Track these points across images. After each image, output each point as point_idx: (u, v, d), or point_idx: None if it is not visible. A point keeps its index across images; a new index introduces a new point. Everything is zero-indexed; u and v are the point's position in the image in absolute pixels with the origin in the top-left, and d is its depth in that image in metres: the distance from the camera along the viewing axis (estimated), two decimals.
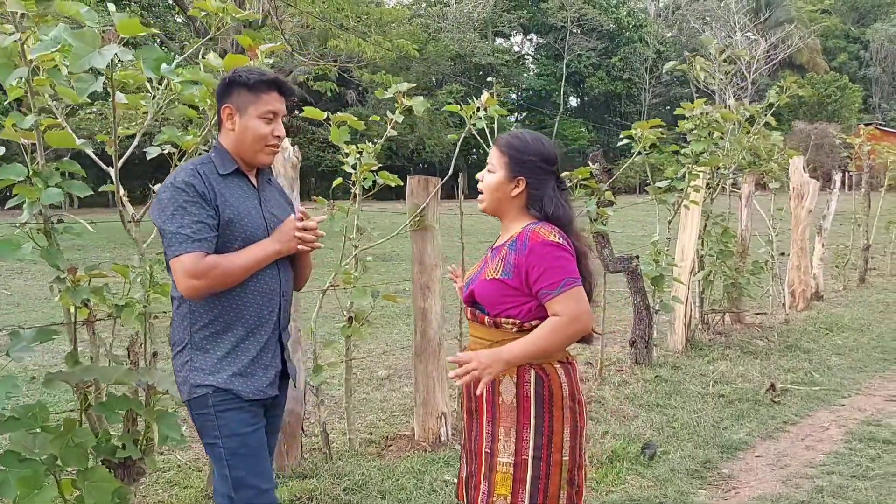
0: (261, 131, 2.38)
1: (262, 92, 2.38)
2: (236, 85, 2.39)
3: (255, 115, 2.37)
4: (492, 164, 2.32)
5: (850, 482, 3.82)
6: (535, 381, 2.19)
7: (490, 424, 2.25)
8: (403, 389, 5.47)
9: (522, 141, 2.31)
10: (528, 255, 2.16)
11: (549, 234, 2.17)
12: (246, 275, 2.31)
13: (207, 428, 2.37)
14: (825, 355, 6.43)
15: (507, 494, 2.19)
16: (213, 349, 2.36)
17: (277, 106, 2.41)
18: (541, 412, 2.19)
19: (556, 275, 2.13)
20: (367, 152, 4.08)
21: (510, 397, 2.21)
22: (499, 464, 2.21)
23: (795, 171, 8.19)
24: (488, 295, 2.22)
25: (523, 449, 2.18)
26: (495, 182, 2.30)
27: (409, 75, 33.51)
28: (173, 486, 3.72)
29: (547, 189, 2.27)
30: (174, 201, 2.25)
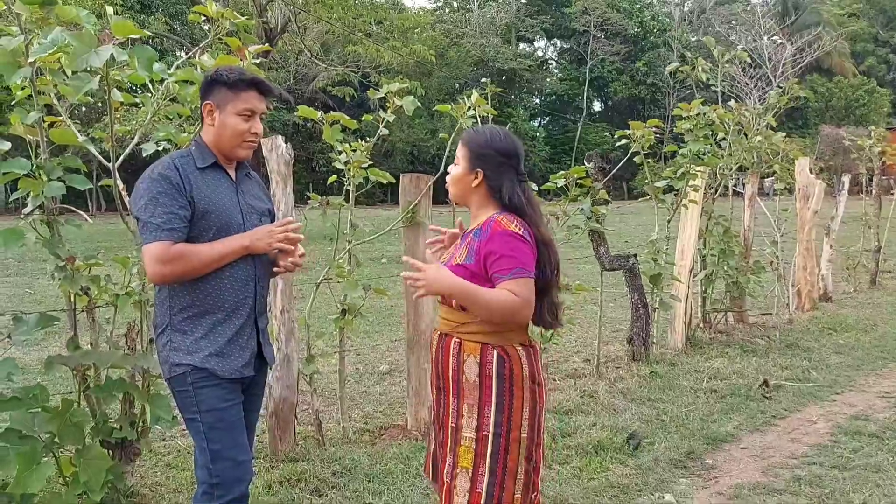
0: (238, 128, 2.53)
1: (241, 90, 2.53)
2: (217, 83, 2.55)
3: (233, 112, 2.52)
4: (457, 157, 2.47)
5: (828, 472, 3.88)
6: (496, 362, 2.33)
7: (455, 400, 2.38)
8: (403, 384, 5.58)
9: (482, 135, 2.46)
10: (487, 241, 2.30)
11: (510, 224, 2.31)
12: (212, 266, 2.45)
13: (187, 404, 2.52)
14: (825, 354, 6.45)
15: (468, 467, 2.33)
16: (191, 331, 2.51)
17: (256, 104, 2.56)
18: (501, 391, 2.32)
19: (509, 263, 2.27)
20: (360, 150, 4.24)
21: (473, 376, 2.34)
22: (462, 438, 2.35)
23: (801, 172, 8.21)
24: None
25: (484, 425, 2.32)
26: (457, 174, 2.45)
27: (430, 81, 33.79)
28: (171, 469, 3.89)
29: (504, 180, 2.40)
30: (149, 192, 2.41)
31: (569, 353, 6.54)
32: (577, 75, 48.18)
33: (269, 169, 4.03)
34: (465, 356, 2.36)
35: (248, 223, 2.61)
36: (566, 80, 48.93)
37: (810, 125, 45.01)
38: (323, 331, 4.34)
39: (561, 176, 5.30)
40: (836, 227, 9.17)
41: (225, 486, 2.49)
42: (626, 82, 47.51)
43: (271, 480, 3.63)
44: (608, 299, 7.62)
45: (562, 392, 5.26)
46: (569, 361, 6.22)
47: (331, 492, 3.57)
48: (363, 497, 3.53)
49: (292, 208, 4.05)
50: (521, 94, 47.38)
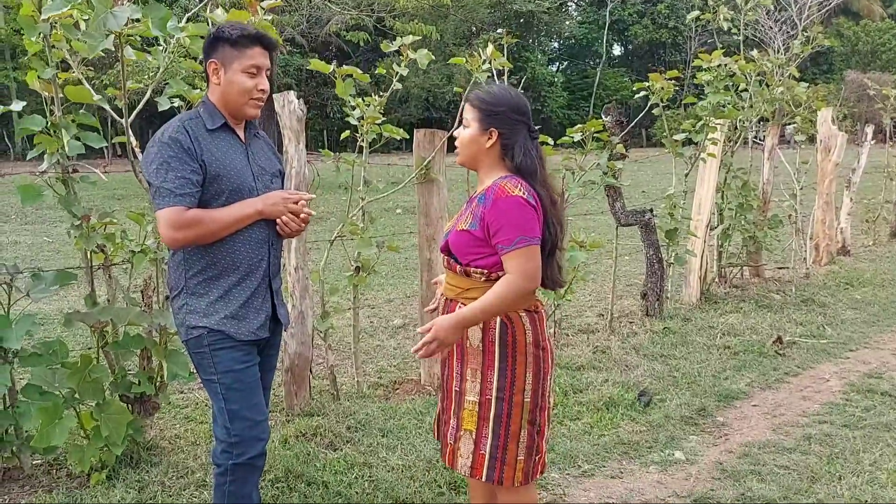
0: (245, 85, 2.50)
1: (246, 47, 2.49)
2: (220, 41, 2.50)
3: (238, 69, 2.48)
4: (465, 119, 2.43)
5: (839, 431, 3.90)
6: (499, 328, 2.33)
7: (459, 365, 2.40)
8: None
9: (491, 94, 2.41)
10: (490, 208, 2.27)
11: (514, 188, 2.27)
12: (226, 231, 2.45)
13: (204, 365, 2.56)
14: (840, 309, 6.43)
15: (472, 430, 2.36)
16: (206, 294, 2.53)
17: (261, 60, 2.51)
18: (504, 356, 2.33)
19: (511, 231, 2.24)
20: (374, 105, 4.19)
21: (476, 341, 2.35)
22: (465, 402, 2.37)
23: (823, 123, 8.05)
24: (459, 245, 2.35)
25: (487, 389, 2.34)
26: (469, 136, 2.41)
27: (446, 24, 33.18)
28: (190, 422, 3.98)
29: (518, 137, 2.38)
30: (160, 156, 2.40)
31: (582, 307, 6.56)
32: (596, 18, 47.18)
33: (281, 125, 4.00)
34: None
35: (260, 185, 2.61)
36: (585, 24, 47.96)
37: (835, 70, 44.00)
38: (337, 285, 4.36)
39: (578, 129, 5.23)
40: (857, 180, 9.03)
41: (243, 445, 2.54)
42: (646, 25, 46.47)
43: (287, 435, 3.69)
44: (623, 252, 7.61)
45: (574, 348, 5.29)
46: (582, 316, 6.24)
47: (345, 446, 3.64)
48: (377, 451, 3.59)
49: (304, 164, 4.03)
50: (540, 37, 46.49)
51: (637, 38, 47.61)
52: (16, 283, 3.16)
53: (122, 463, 3.36)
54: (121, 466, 3.34)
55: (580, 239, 5.00)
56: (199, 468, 3.37)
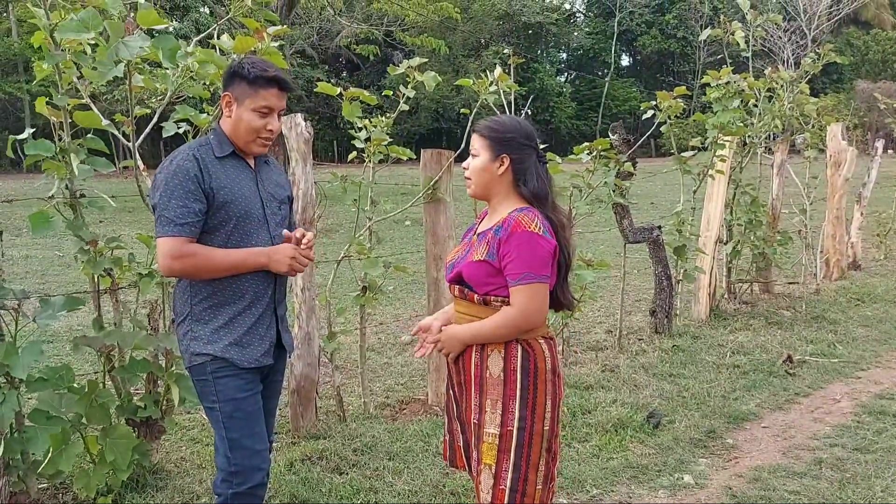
0: (253, 124, 2.50)
1: (261, 87, 2.49)
2: (237, 76, 2.51)
3: (250, 107, 2.49)
4: (475, 149, 2.43)
5: (851, 455, 3.86)
6: (521, 356, 2.34)
7: (478, 396, 2.39)
8: None
9: (498, 122, 2.43)
10: (507, 240, 2.29)
11: (531, 223, 2.29)
12: (222, 273, 2.47)
13: (206, 393, 2.56)
14: (851, 327, 6.37)
15: (491, 464, 2.35)
16: (210, 320, 2.53)
17: (274, 102, 2.52)
18: (526, 385, 2.33)
19: (520, 266, 2.27)
20: (381, 127, 4.20)
21: (498, 371, 2.35)
22: (485, 434, 2.36)
23: (833, 138, 8.01)
24: (476, 275, 2.36)
25: (509, 420, 2.33)
26: (481, 164, 2.41)
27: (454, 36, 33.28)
28: (195, 444, 3.97)
29: (529, 163, 2.40)
30: (165, 183, 2.41)
31: (591, 324, 6.53)
32: (604, 28, 47.23)
33: (287, 147, 4.01)
34: (488, 351, 2.37)
35: (268, 212, 2.61)
36: (593, 34, 48.01)
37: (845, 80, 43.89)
38: (344, 306, 4.35)
39: (584, 148, 5.22)
40: (867, 193, 8.97)
41: (243, 475, 2.53)
42: (655, 36, 46.49)
43: (293, 458, 3.68)
44: (630, 267, 7.57)
45: (583, 366, 5.26)
46: (591, 333, 6.21)
47: (351, 470, 3.62)
48: (383, 476, 3.57)
49: (312, 185, 4.03)
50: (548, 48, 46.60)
51: (646, 49, 47.62)
52: (23, 308, 3.17)
53: (128, 487, 3.36)
54: (126, 491, 3.34)
55: (587, 257, 4.98)
56: (205, 492, 3.36)
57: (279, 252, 2.54)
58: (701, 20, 46.29)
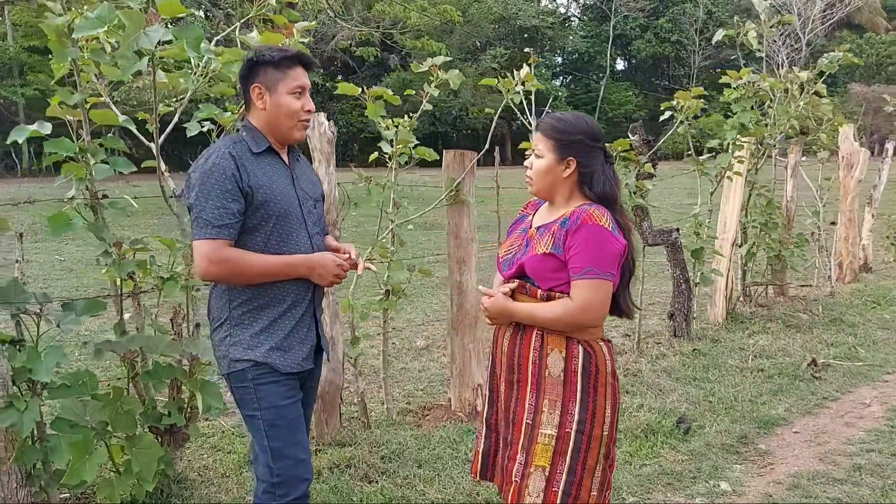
0: (292, 107, 2.43)
1: (289, 68, 2.42)
2: (262, 64, 2.42)
3: (284, 91, 2.41)
4: (538, 149, 2.35)
5: (889, 461, 3.78)
6: (583, 357, 2.26)
7: (534, 396, 2.30)
8: (441, 360, 5.54)
9: (565, 122, 2.33)
10: (575, 231, 2.21)
11: (601, 217, 2.21)
12: (260, 280, 2.38)
13: (247, 400, 2.46)
14: (871, 329, 6.31)
15: (545, 465, 2.24)
16: (251, 325, 2.44)
17: (304, 80, 2.46)
18: (586, 387, 2.25)
19: (586, 260, 2.19)
20: (404, 126, 4.11)
21: (558, 371, 2.26)
22: (540, 435, 2.26)
23: (845, 139, 7.96)
24: (541, 269, 2.27)
25: (567, 422, 2.24)
26: (546, 166, 2.33)
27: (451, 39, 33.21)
28: (217, 451, 3.86)
29: (596, 165, 2.32)
30: (201, 183, 2.32)
31: (607, 327, 6.42)
32: (599, 32, 47.29)
33: (311, 147, 3.91)
34: (548, 349, 2.28)
35: (304, 210, 2.53)
36: (588, 38, 48.05)
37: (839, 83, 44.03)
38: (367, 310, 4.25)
39: None
40: (878, 196, 8.93)
41: (286, 486, 2.43)
42: (649, 40, 46.59)
43: (320, 466, 3.58)
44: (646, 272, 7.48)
45: None
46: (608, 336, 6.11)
47: (381, 478, 3.52)
48: (414, 484, 3.47)
49: (335, 187, 3.94)
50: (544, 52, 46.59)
51: (640, 53, 47.72)
52: (45, 312, 3.05)
53: (152, 497, 3.25)
54: (151, 501, 3.23)
55: None
56: (231, 502, 3.25)
57: (322, 265, 2.46)
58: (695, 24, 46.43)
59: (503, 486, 2.38)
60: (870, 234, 8.87)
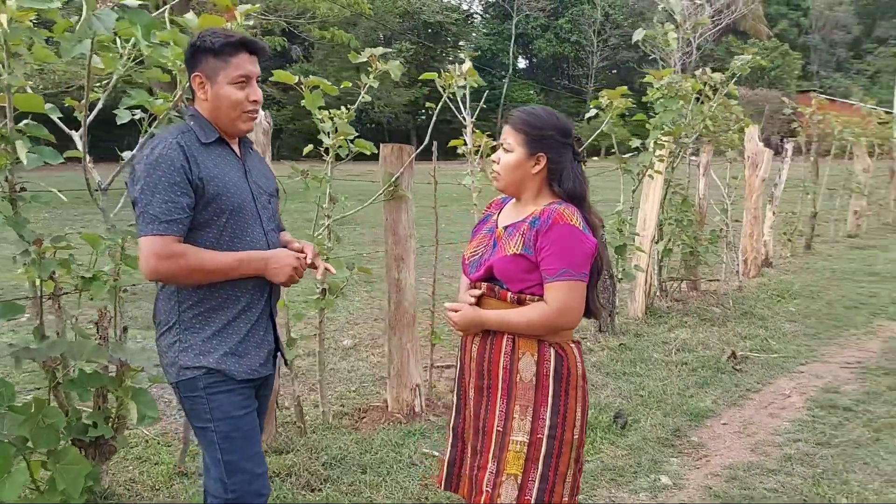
0: (234, 98, 2.24)
1: (230, 56, 2.23)
2: (201, 51, 2.24)
3: (225, 81, 2.23)
4: (508, 143, 2.27)
5: (816, 450, 3.93)
6: (555, 360, 2.21)
7: (504, 402, 2.23)
8: (371, 359, 5.42)
9: (536, 116, 2.27)
10: (546, 231, 2.15)
11: (572, 216, 2.16)
12: (214, 279, 2.21)
13: (198, 411, 2.28)
14: (779, 322, 6.59)
15: (517, 474, 2.18)
16: (202, 328, 2.26)
17: (249, 68, 2.26)
18: (558, 391, 2.20)
19: (559, 261, 2.14)
20: (341, 118, 3.96)
21: (529, 375, 2.20)
22: (511, 442, 2.19)
23: (750, 140, 8.31)
24: (511, 271, 2.20)
25: (539, 428, 2.18)
26: (515, 161, 2.25)
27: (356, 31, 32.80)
28: (143, 463, 3.62)
29: (566, 162, 2.26)
30: (147, 175, 2.13)
31: None
32: (502, 30, 47.85)
33: None
34: (519, 353, 2.22)
35: (259, 206, 2.37)
36: (492, 35, 48.54)
37: None
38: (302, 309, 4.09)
39: None
40: (779, 194, 9.38)
41: (242, 502, 2.27)
42: (550, 39, 47.49)
43: None
44: None
45: None
46: None
47: (325, 486, 3.38)
48: (360, 491, 3.35)
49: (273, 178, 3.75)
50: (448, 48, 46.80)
51: (541, 52, 48.58)
52: None
53: None
54: None
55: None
56: None
57: (280, 260, 2.30)
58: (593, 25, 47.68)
59: (471, 496, 2.30)
60: (770, 230, 9.29)
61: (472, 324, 2.27)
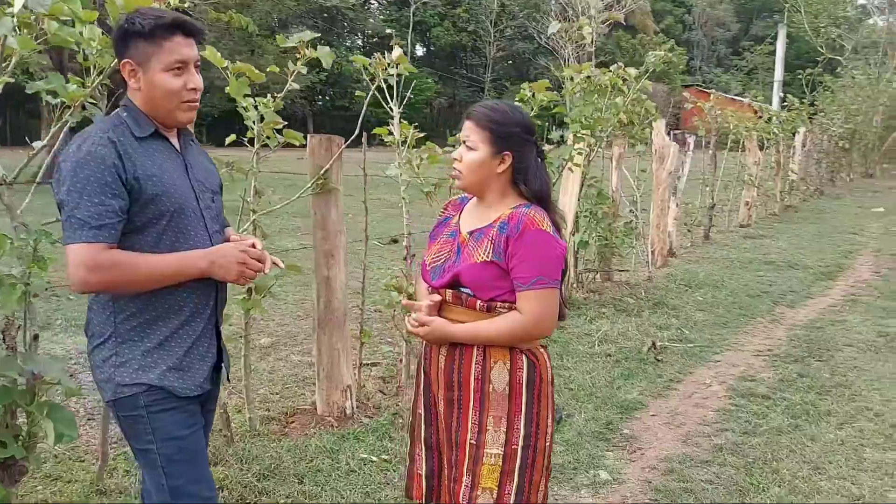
0: (171, 87, 2.02)
1: (163, 38, 2.00)
2: (131, 35, 2.00)
3: (159, 68, 2.00)
4: (471, 140, 2.16)
5: (743, 439, 4.04)
6: (527, 368, 2.14)
7: (477, 414, 2.14)
8: (291, 359, 5.21)
9: (501, 112, 2.17)
10: (518, 238, 2.07)
11: (542, 221, 2.09)
12: (151, 286, 2.00)
13: (138, 432, 2.07)
14: (690, 311, 6.79)
15: (493, 488, 2.10)
16: (141, 341, 2.05)
17: (186, 53, 2.03)
18: (531, 399, 2.14)
19: (532, 269, 2.07)
20: (266, 107, 3.74)
21: (503, 385, 2.12)
22: (486, 455, 2.11)
23: (658, 133, 8.52)
24: (481, 279, 2.11)
25: (514, 439, 2.12)
26: (479, 160, 2.14)
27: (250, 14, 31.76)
28: (55, 481, 3.31)
29: (531, 160, 2.18)
30: (74, 175, 1.91)
31: None
32: (399, 17, 47.56)
33: None
34: (491, 363, 2.13)
35: (202, 205, 2.16)
36: (389, 22, 48.11)
37: None
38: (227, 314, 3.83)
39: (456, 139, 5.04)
40: (682, 186, 9.69)
41: None
42: (448, 28, 47.62)
43: None
44: None
45: None
46: None
47: (260, 499, 3.19)
48: (299, 503, 3.17)
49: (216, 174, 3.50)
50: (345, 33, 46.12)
51: (439, 41, 48.65)
52: None
53: None
54: None
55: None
56: None
57: (224, 255, 2.09)
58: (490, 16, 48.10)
59: None
60: (675, 221, 9.59)
61: (440, 339, 2.18)
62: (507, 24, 47.85)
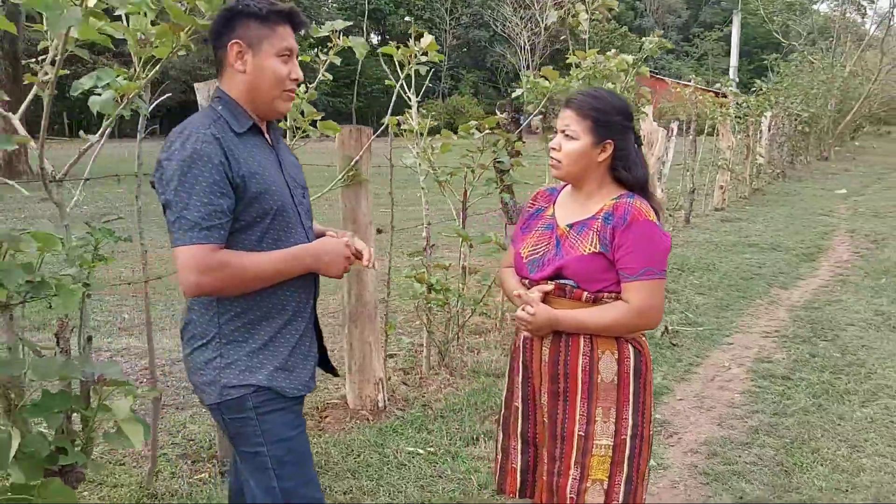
0: (279, 73, 1.97)
1: (277, 24, 1.96)
2: (244, 16, 1.94)
3: (271, 52, 1.96)
4: (571, 129, 2.13)
5: (775, 420, 4.11)
6: (634, 357, 2.14)
7: (585, 405, 2.12)
8: None
9: (603, 100, 2.15)
10: (625, 229, 2.05)
11: (648, 212, 2.08)
12: (261, 284, 1.95)
13: (247, 434, 2.01)
14: (690, 296, 6.88)
15: (603, 479, 2.10)
16: (246, 342, 1.99)
17: (293, 42, 2.01)
18: (637, 388, 2.15)
19: (640, 260, 2.06)
20: (301, 97, 3.67)
21: (611, 375, 2.12)
22: (595, 446, 2.11)
23: (646, 119, 8.58)
24: (588, 270, 2.09)
25: (623, 429, 2.12)
26: (580, 149, 2.12)
27: None
28: (100, 486, 3.21)
29: (631, 148, 2.17)
30: (182, 174, 1.84)
31: None
32: (355, 5, 47.08)
33: None
34: (598, 354, 2.12)
35: (296, 201, 2.10)
36: (344, 10, 47.60)
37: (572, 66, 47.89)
38: None
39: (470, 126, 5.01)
40: (666, 171, 9.80)
41: None
42: (403, 15, 47.28)
43: None
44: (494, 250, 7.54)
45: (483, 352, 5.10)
46: None
47: None
48: (358, 498, 3.14)
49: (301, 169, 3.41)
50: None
51: (395, 29, 48.28)
52: None
53: None
54: None
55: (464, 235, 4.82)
56: None
57: (329, 251, 2.04)
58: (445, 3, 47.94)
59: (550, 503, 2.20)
60: None
61: (546, 324, 2.14)
62: (463, 11, 47.75)
